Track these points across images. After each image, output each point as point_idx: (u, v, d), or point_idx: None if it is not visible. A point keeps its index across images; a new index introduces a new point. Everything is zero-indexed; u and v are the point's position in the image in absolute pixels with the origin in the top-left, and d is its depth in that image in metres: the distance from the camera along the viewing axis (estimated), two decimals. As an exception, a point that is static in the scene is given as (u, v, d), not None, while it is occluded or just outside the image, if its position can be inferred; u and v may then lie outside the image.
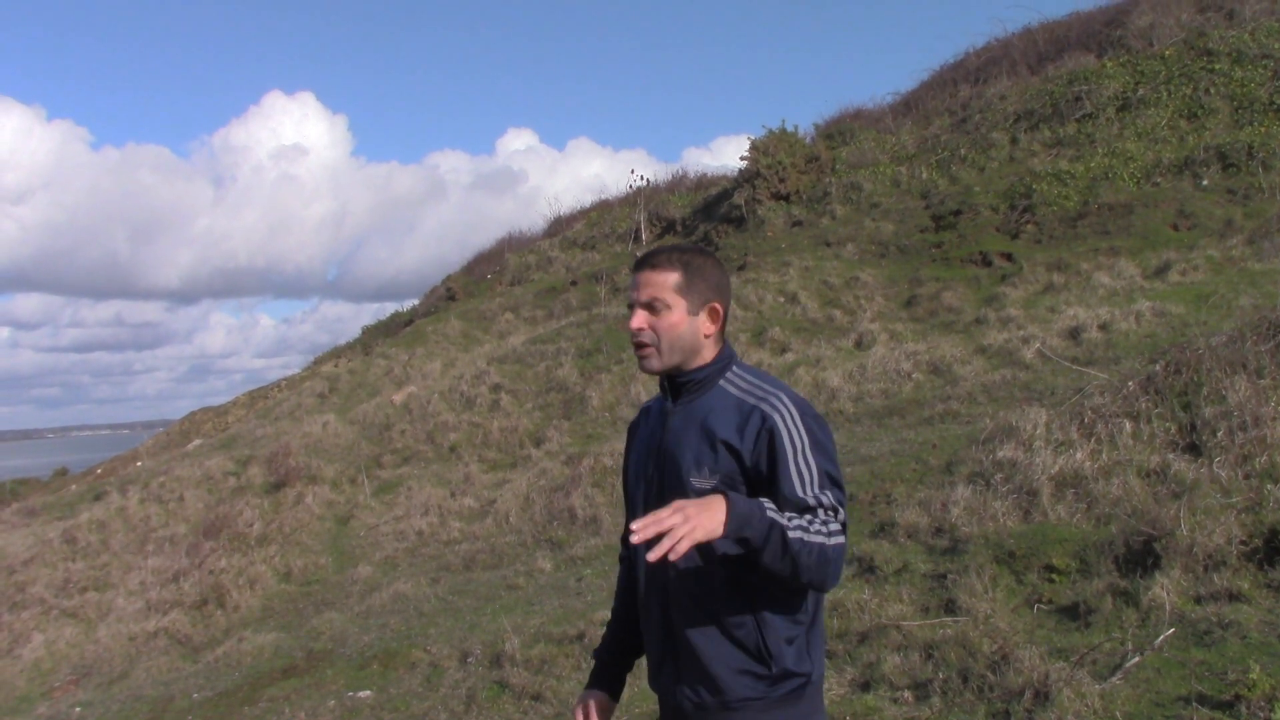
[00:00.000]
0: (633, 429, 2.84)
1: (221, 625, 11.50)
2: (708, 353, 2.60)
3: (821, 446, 2.46)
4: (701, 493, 2.42)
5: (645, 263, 2.59)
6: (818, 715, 2.57)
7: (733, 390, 2.56)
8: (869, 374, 11.73)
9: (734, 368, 2.61)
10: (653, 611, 2.61)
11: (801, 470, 2.41)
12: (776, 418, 2.46)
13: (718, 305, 2.60)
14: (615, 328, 16.32)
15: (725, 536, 2.20)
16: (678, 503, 2.22)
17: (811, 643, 2.55)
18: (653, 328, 2.55)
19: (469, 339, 20.16)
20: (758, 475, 2.44)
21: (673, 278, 2.55)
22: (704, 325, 2.58)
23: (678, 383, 2.60)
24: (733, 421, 2.49)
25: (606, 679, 2.85)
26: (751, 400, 2.51)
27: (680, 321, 2.54)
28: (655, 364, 2.57)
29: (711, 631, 2.49)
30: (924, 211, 16.61)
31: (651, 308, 2.54)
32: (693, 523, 2.17)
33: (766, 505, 2.28)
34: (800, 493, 2.39)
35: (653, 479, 2.61)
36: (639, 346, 2.57)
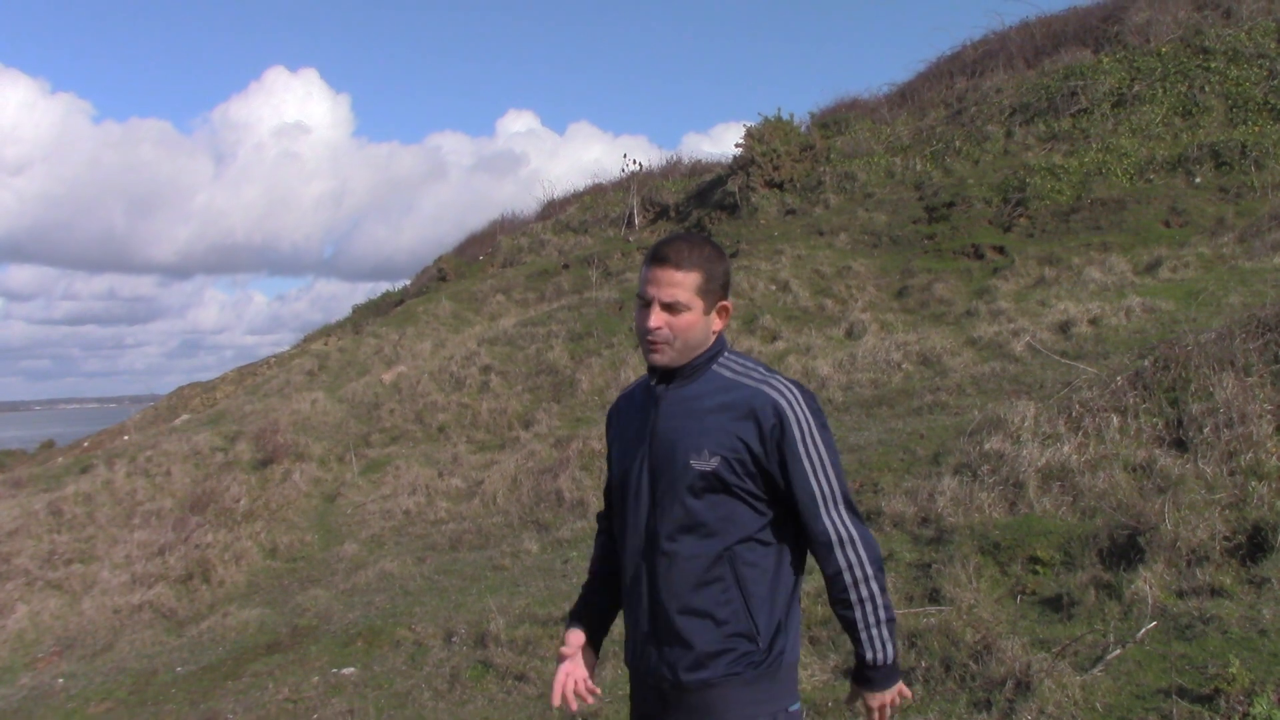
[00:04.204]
0: (615, 413, 2.85)
1: (206, 600, 11.50)
2: (708, 344, 2.64)
3: (824, 430, 2.57)
4: (702, 474, 2.52)
5: (666, 260, 2.56)
6: (792, 695, 2.64)
7: (726, 373, 2.61)
8: (859, 363, 11.75)
9: (725, 353, 2.66)
10: (639, 592, 2.64)
11: (813, 459, 2.53)
12: (784, 404, 2.54)
13: (729, 304, 2.66)
14: (606, 312, 16.31)
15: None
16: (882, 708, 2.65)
17: (791, 622, 2.63)
18: (669, 325, 2.54)
19: (460, 320, 20.13)
20: (768, 460, 2.52)
21: (694, 278, 2.55)
22: (715, 323, 2.63)
23: (671, 369, 2.62)
24: (735, 403, 2.54)
25: (590, 634, 2.83)
26: (750, 383, 2.57)
27: (696, 321, 2.56)
28: (665, 360, 2.58)
29: (699, 610, 2.54)
30: (917, 203, 16.63)
31: (672, 308, 2.54)
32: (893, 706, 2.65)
33: (878, 655, 2.59)
34: (814, 488, 2.54)
35: (645, 458, 2.63)
36: (652, 342, 2.56)
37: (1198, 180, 14.39)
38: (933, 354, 11.43)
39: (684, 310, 2.53)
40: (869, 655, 2.56)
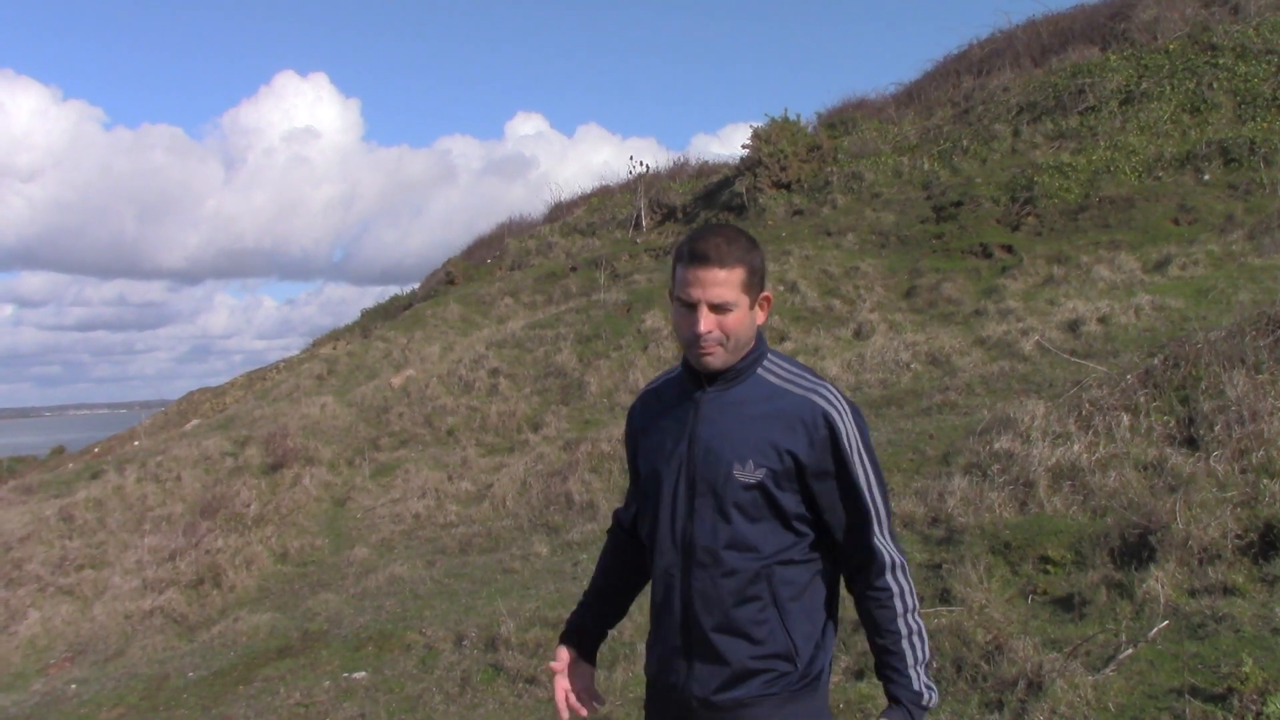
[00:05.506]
0: (641, 410, 2.71)
1: (217, 605, 11.52)
2: (754, 340, 2.53)
3: (870, 446, 2.48)
4: (746, 485, 2.42)
5: (708, 258, 2.41)
6: (826, 713, 2.56)
7: (773, 379, 2.50)
8: (868, 364, 11.73)
9: (769, 355, 2.55)
10: (672, 605, 2.52)
11: (865, 475, 2.46)
12: (834, 415, 2.44)
13: (770, 295, 2.55)
14: (614, 314, 16.31)
15: None
16: None
17: (826, 641, 2.54)
18: (720, 327, 2.42)
19: (468, 323, 20.14)
20: (815, 475, 2.43)
21: (739, 275, 2.42)
22: (758, 317, 2.52)
23: (715, 370, 2.50)
24: (782, 412, 2.44)
25: (588, 647, 2.81)
26: (798, 390, 2.47)
27: (744, 318, 2.45)
28: (719, 362, 2.46)
29: (736, 629, 2.45)
30: (925, 202, 16.59)
31: (721, 309, 2.41)
32: None
33: (927, 697, 2.45)
34: (868, 505, 2.46)
35: (683, 464, 2.51)
36: (704, 346, 2.43)
37: (1206, 177, 14.34)
38: (941, 354, 11.41)
39: (733, 309, 2.41)
40: (921, 695, 2.44)
